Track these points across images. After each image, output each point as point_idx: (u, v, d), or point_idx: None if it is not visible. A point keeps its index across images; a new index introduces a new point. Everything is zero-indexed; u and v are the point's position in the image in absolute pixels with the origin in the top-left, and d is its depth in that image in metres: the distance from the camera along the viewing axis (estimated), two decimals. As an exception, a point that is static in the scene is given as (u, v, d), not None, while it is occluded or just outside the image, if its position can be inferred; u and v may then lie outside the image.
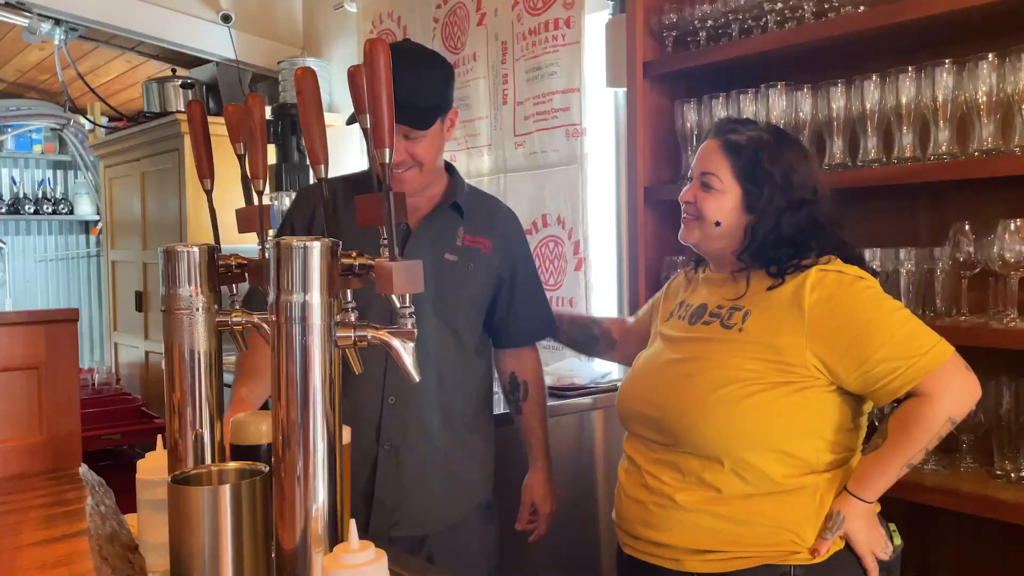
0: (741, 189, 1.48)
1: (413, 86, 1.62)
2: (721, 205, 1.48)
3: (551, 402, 2.12)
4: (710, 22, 2.07)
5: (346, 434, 1.18)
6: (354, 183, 1.82)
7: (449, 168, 1.85)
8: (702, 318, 1.52)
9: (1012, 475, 1.64)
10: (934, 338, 1.35)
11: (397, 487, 1.71)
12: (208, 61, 4.19)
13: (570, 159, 2.82)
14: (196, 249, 1.16)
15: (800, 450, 1.38)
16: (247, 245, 1.21)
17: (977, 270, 1.66)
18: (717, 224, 1.49)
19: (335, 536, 0.98)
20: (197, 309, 1.16)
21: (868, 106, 1.80)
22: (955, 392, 1.34)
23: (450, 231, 1.77)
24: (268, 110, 3.64)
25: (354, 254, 1.05)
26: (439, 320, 1.72)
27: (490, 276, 1.80)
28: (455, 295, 1.74)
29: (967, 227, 1.67)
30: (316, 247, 0.97)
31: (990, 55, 1.62)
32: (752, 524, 1.38)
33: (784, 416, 1.37)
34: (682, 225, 1.57)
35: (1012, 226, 1.58)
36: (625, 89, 2.24)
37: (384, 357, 1.56)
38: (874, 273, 1.49)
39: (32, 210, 5.98)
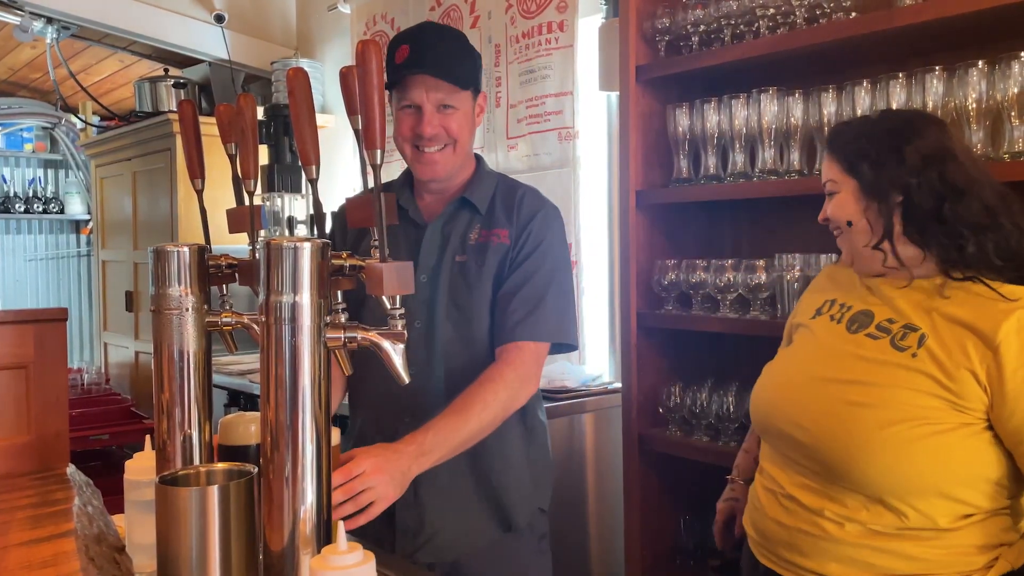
0: (854, 180, 1.37)
1: (452, 48, 1.58)
2: (843, 204, 1.39)
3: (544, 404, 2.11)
4: (703, 27, 2.08)
5: (334, 436, 1.17)
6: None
7: (476, 159, 1.72)
8: (866, 328, 1.35)
9: None
10: None
11: (415, 510, 1.58)
12: (201, 61, 4.18)
13: (563, 162, 2.82)
14: (186, 249, 1.16)
15: (970, 495, 1.25)
16: (238, 245, 1.21)
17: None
18: (849, 224, 1.38)
19: (323, 538, 0.98)
20: (187, 309, 1.16)
21: (859, 112, 1.81)
22: None
23: (463, 230, 1.63)
24: (261, 111, 3.63)
25: (344, 255, 1.05)
26: (455, 330, 1.59)
27: (501, 268, 1.60)
28: (467, 300, 1.59)
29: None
30: (306, 248, 0.96)
31: (980, 62, 1.63)
32: (911, 559, 1.27)
33: (957, 460, 1.24)
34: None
35: (1001, 232, 1.59)
36: (618, 93, 2.25)
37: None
38: None
39: (22, 209, 5.96)
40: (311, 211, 3.23)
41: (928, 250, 1.31)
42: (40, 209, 6.02)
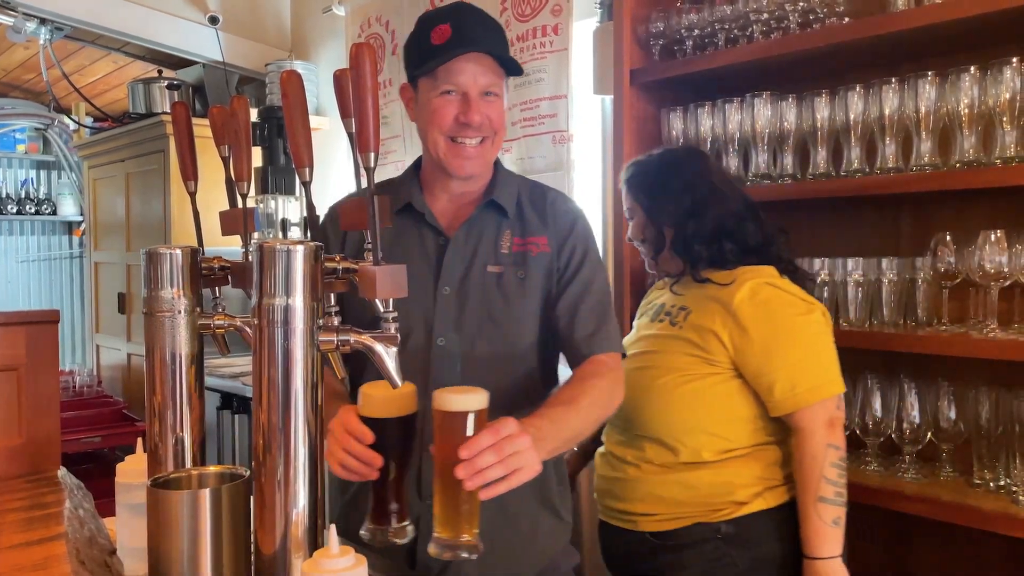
0: (641, 207, 1.73)
1: (495, 27, 1.45)
2: (637, 227, 1.76)
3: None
4: (696, 31, 2.08)
5: (483, 399, 1.14)
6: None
7: (495, 162, 1.55)
8: (658, 316, 1.71)
9: (991, 484, 1.65)
10: (826, 376, 1.52)
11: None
12: (195, 62, 4.17)
13: (557, 165, 2.82)
14: (179, 251, 1.16)
15: (729, 432, 1.57)
16: (231, 248, 1.21)
17: (958, 280, 1.68)
18: (643, 241, 1.76)
19: (315, 541, 0.98)
20: (179, 312, 1.15)
21: (852, 116, 1.82)
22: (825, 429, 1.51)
23: (492, 237, 1.46)
24: (254, 113, 3.63)
25: (338, 258, 1.05)
26: (491, 346, 1.41)
27: (548, 279, 1.45)
28: (506, 315, 1.42)
29: (948, 238, 1.69)
30: (299, 251, 0.96)
31: (972, 68, 1.64)
32: (690, 490, 1.57)
33: (712, 402, 1.57)
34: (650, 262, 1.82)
35: (992, 237, 1.59)
36: (612, 96, 2.25)
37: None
38: (812, 281, 1.73)
39: (15, 210, 5.93)
40: (305, 213, 3.23)
41: (687, 256, 1.66)
42: (32, 210, 6.00)
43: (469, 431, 1.11)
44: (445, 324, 1.42)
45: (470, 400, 1.13)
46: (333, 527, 0.89)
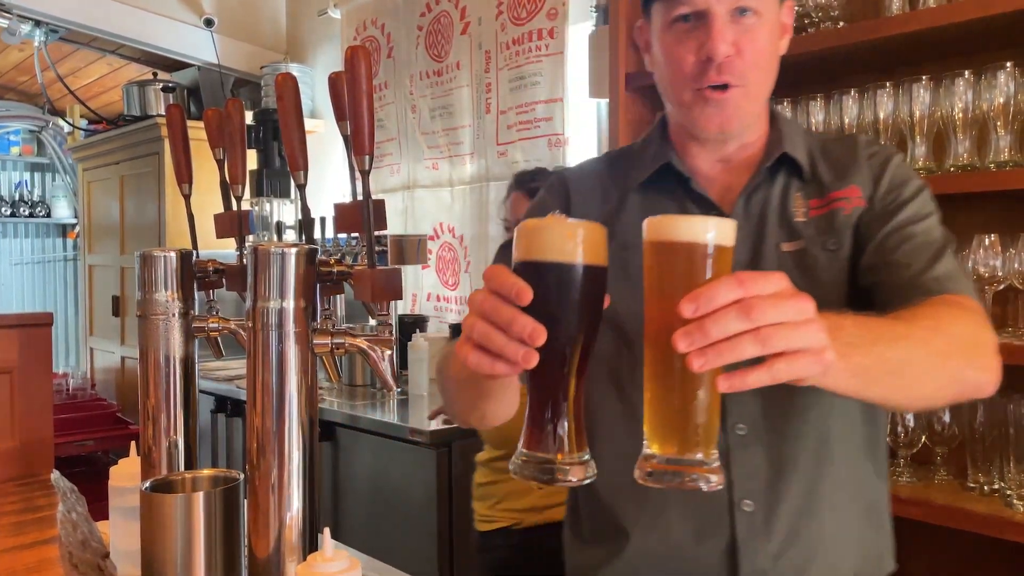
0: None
1: None
2: None
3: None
4: (692, 35, 2.09)
5: (726, 229, 0.70)
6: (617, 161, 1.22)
7: (771, 112, 1.16)
8: None
9: (985, 488, 1.65)
10: None
11: (763, 556, 1.05)
12: (190, 65, 4.17)
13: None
14: (173, 254, 1.16)
15: None
16: (225, 250, 1.21)
17: (952, 284, 1.68)
18: None
19: (309, 545, 0.97)
20: (173, 314, 1.15)
21: (846, 120, 1.82)
22: None
23: (779, 204, 1.09)
24: (250, 115, 3.62)
25: (332, 260, 1.04)
26: None
27: (867, 239, 1.06)
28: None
29: (943, 241, 1.69)
30: (294, 253, 0.96)
31: (966, 72, 1.64)
32: None
33: None
34: None
35: (987, 241, 1.60)
36: (608, 100, 2.25)
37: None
38: None
39: (8, 212, 5.92)
40: (299, 216, 3.22)
41: None
42: (26, 213, 5.98)
43: (700, 277, 0.68)
44: None
45: (708, 227, 0.69)
46: (327, 530, 0.89)
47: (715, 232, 0.69)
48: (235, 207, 1.23)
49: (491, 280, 0.71)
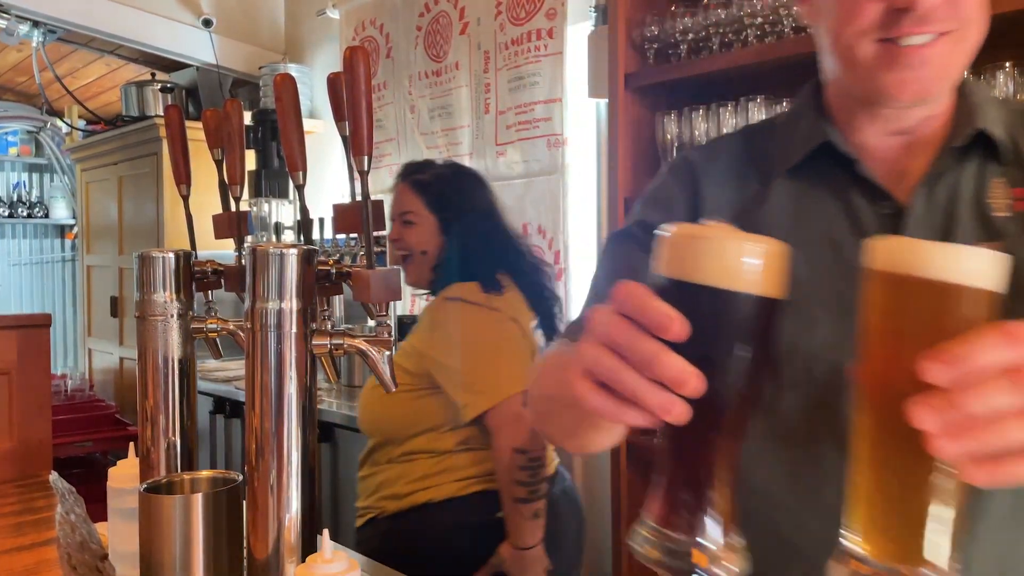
0: (434, 216, 1.81)
1: None
2: (420, 236, 1.82)
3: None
4: (691, 35, 2.09)
5: (997, 264, 0.52)
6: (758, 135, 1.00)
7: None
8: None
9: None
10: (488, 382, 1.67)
11: None
12: (188, 65, 4.17)
13: (551, 169, 2.82)
14: (171, 255, 1.15)
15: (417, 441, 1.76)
16: (224, 251, 1.20)
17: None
18: (424, 253, 1.82)
19: (308, 546, 0.97)
20: (172, 315, 1.15)
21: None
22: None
23: (977, 198, 0.85)
24: (248, 115, 3.62)
25: (331, 261, 1.04)
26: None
27: None
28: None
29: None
30: (292, 254, 0.96)
31: (966, 72, 1.64)
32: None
33: (420, 411, 1.73)
34: (403, 271, 1.87)
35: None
36: (607, 100, 2.25)
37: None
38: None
39: (7, 213, 5.91)
40: (298, 217, 3.22)
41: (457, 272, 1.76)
42: (25, 213, 5.98)
43: (955, 329, 0.50)
44: None
45: (976, 261, 0.52)
46: (326, 531, 0.89)
47: (988, 270, 0.51)
48: (234, 208, 1.23)
49: (627, 301, 0.53)
